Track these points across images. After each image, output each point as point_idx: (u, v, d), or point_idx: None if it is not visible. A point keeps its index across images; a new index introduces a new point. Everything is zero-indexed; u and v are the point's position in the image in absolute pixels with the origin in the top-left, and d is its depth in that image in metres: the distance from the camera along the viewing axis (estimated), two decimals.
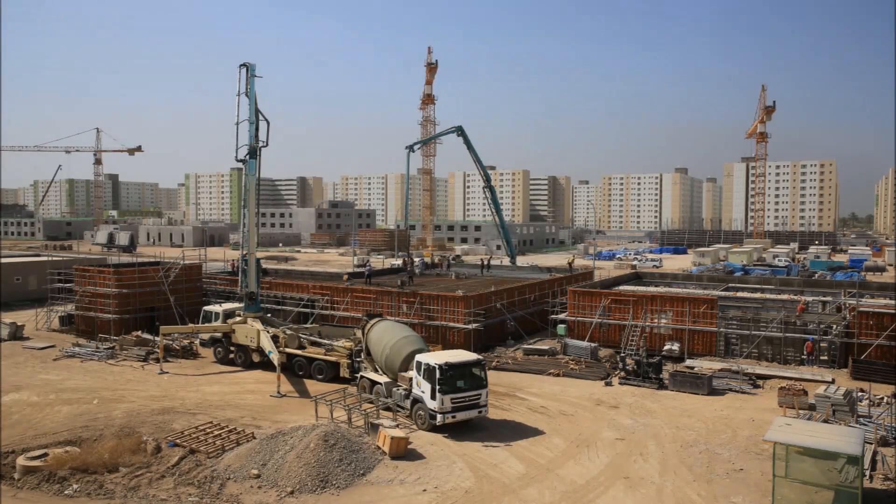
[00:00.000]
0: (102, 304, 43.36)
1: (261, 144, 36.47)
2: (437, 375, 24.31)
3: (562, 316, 41.36)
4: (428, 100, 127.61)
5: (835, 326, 35.62)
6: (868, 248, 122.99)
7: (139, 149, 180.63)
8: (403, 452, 22.23)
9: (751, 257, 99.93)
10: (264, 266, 60.91)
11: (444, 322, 38.94)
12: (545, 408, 28.34)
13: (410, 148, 74.33)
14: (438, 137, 76.39)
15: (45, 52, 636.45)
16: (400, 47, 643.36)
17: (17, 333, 43.03)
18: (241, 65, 35.86)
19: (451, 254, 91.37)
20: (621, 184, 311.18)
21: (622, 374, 33.24)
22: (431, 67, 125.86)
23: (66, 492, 19.50)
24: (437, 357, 25.30)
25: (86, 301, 44.45)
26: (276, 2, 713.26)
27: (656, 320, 38.34)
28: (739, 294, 46.55)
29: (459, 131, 75.93)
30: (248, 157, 36.12)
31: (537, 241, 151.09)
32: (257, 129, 36.21)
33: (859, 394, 28.08)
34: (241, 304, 37.52)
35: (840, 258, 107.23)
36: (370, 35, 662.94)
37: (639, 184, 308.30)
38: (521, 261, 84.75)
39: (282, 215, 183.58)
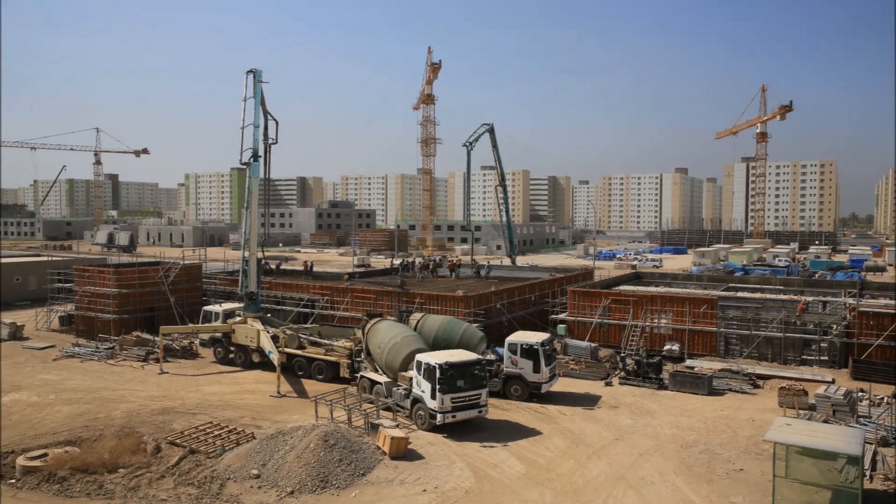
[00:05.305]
0: (102, 304, 43.36)
1: (271, 142, 37.82)
2: (438, 375, 24.31)
3: (562, 316, 41.35)
4: (428, 99, 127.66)
5: (835, 326, 35.60)
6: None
7: (145, 151, 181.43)
8: (403, 452, 22.23)
9: (751, 257, 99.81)
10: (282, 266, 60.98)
11: None
12: (545, 408, 28.34)
13: (469, 145, 74.91)
14: (478, 137, 77.19)
15: (45, 51, 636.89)
16: (401, 46, 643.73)
17: (17, 333, 43.05)
18: (247, 71, 36.75)
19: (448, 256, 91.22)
20: (621, 184, 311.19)
21: (622, 374, 33.26)
22: (435, 67, 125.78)
23: (66, 492, 19.49)
24: (437, 356, 25.26)
25: (86, 301, 44.46)
26: (276, 1, 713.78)
27: (656, 320, 38.33)
28: (739, 294, 46.48)
29: (490, 130, 77.32)
30: (251, 160, 36.52)
31: (537, 242, 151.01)
32: (266, 129, 37.31)
33: (859, 394, 28.09)
34: (241, 304, 37.59)
35: (840, 258, 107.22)
36: (370, 34, 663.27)
37: (639, 184, 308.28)
38: (521, 261, 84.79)
39: (282, 215, 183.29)
